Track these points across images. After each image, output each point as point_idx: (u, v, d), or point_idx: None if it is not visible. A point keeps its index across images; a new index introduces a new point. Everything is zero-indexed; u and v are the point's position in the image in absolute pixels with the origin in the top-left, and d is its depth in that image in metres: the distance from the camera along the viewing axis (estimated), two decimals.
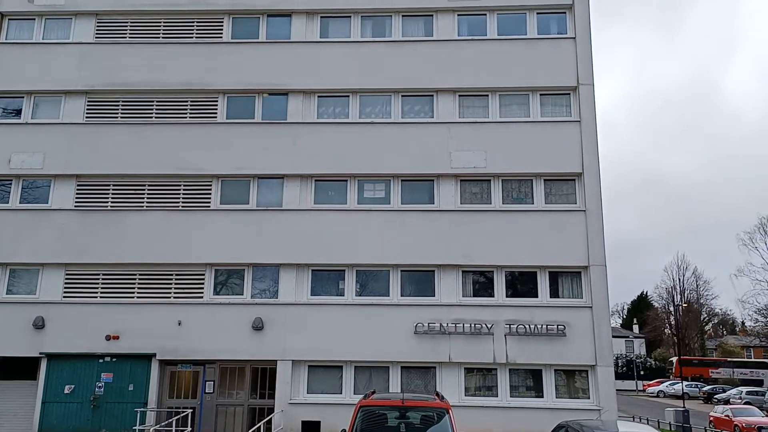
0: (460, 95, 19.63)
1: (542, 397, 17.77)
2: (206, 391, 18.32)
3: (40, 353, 18.28)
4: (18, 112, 20.41)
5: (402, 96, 19.75)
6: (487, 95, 19.58)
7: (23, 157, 19.71)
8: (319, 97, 19.96)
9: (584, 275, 18.33)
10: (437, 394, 12.45)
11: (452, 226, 18.55)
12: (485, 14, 20.20)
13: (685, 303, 66.89)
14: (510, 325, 17.85)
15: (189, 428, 16.64)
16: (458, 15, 20.23)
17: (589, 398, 17.70)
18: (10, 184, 19.85)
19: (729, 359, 61.57)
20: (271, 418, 17.04)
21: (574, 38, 19.72)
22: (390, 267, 18.59)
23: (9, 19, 21.08)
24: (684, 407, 29.68)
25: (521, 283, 18.58)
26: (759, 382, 54.35)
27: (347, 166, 19.15)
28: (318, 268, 18.82)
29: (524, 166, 18.89)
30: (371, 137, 19.31)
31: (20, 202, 19.74)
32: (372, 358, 17.91)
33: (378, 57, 19.90)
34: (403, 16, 20.36)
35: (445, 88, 19.54)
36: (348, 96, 19.84)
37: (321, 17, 20.47)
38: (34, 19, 21.00)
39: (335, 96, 19.93)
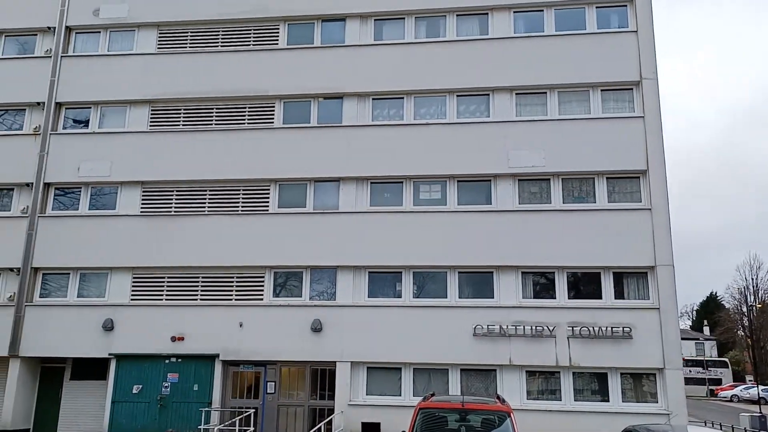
0: (517, 93, 19.29)
1: (608, 401, 17.24)
2: (268, 391, 18.59)
3: (110, 354, 18.93)
4: (86, 122, 21.24)
5: (457, 96, 19.56)
6: (545, 93, 19.17)
7: (91, 165, 20.48)
8: (373, 99, 19.99)
9: (650, 276, 17.69)
10: (498, 397, 12.23)
11: (511, 226, 18.22)
12: (542, 10, 19.79)
13: (759, 303, 63.90)
14: (573, 327, 17.39)
15: (252, 428, 16.92)
16: (514, 12, 19.89)
17: (657, 402, 17.07)
18: (80, 191, 20.66)
19: None
20: (331, 419, 17.14)
21: (636, 31, 19.07)
22: (447, 268, 18.42)
23: (76, 33, 21.96)
24: (761, 412, 28.30)
25: (584, 284, 18.08)
26: None
27: (402, 168, 19.09)
28: (375, 269, 18.82)
29: (585, 165, 18.39)
30: (426, 138, 19.20)
31: (89, 209, 20.51)
32: (431, 360, 17.78)
33: (432, 57, 19.77)
34: (457, 15, 20.16)
35: (501, 87, 19.23)
36: (402, 98, 19.79)
37: (375, 20, 20.49)
38: (99, 32, 21.81)
39: (390, 98, 19.90)
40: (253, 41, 20.97)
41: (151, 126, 20.79)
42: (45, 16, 21.78)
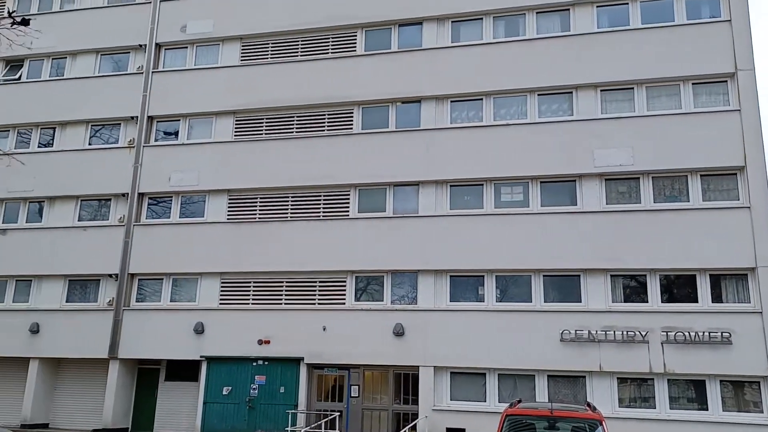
0: (601, 90, 18.64)
1: (706, 409, 16.31)
2: (352, 395, 18.75)
3: (201, 356, 19.63)
4: (176, 134, 22.17)
5: (538, 95, 19.12)
6: (632, 88, 18.41)
7: (181, 175, 21.35)
8: (451, 102, 19.85)
9: (751, 278, 16.65)
10: (588, 405, 11.86)
11: (598, 227, 17.61)
12: (627, 3, 19.04)
13: None
14: (667, 332, 16.58)
15: (337, 431, 17.09)
16: (597, 6, 19.26)
17: (762, 412, 16.00)
18: (171, 200, 21.58)
19: None
20: (415, 424, 17.09)
21: (729, 21, 18.03)
22: (531, 272, 18.01)
23: (165, 49, 23.00)
24: None
25: (678, 288, 17.22)
26: None
27: (483, 170, 18.84)
28: (456, 273, 18.65)
29: (676, 162, 17.53)
30: (507, 139, 18.88)
31: (180, 217, 21.38)
32: (516, 365, 17.42)
33: (512, 57, 19.44)
34: (537, 13, 19.73)
35: (585, 84, 18.64)
36: (481, 99, 19.55)
37: (452, 22, 20.36)
38: (187, 47, 22.75)
39: (468, 100, 19.71)
40: (332, 49, 21.29)
41: (235, 136, 21.46)
42: (137, 35, 22.94)
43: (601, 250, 17.42)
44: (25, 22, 21.32)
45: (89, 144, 22.72)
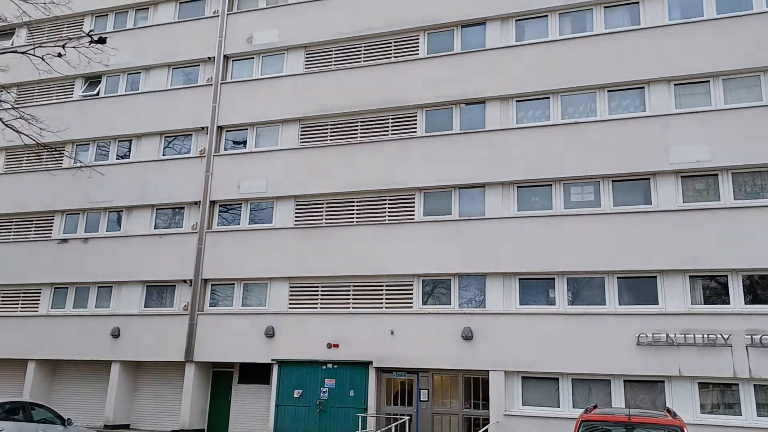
0: (675, 84, 17.95)
1: None
2: (421, 399, 18.69)
3: (272, 360, 20.01)
4: (244, 143, 22.75)
5: (608, 91, 18.60)
6: (708, 81, 17.64)
7: (250, 183, 21.87)
8: (517, 102, 19.56)
9: None
10: (668, 411, 11.43)
11: (674, 227, 16.94)
12: None
13: None
14: (752, 335, 15.76)
15: None
16: None
17: None
18: (240, 207, 22.14)
19: None
20: (487, 429, 16.86)
21: None
22: (605, 274, 17.49)
23: (233, 61, 23.66)
24: None
25: (762, 288, 16.35)
26: None
27: (551, 171, 18.46)
28: (525, 276, 18.33)
29: (759, 156, 16.64)
30: (576, 138, 18.43)
31: (249, 223, 21.91)
32: (590, 370, 16.93)
33: (579, 54, 18.99)
34: (605, 7, 19.21)
35: (657, 78, 17.98)
36: (548, 97, 19.18)
37: (516, 20, 20.09)
38: (253, 57, 23.32)
39: (534, 99, 19.38)
40: (394, 53, 21.38)
41: (301, 143, 21.84)
42: (206, 48, 23.69)
43: (679, 250, 16.74)
44: (102, 41, 22.29)
45: (163, 155, 23.60)
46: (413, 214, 19.88)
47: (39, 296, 23.60)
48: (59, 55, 20.73)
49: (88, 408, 22.06)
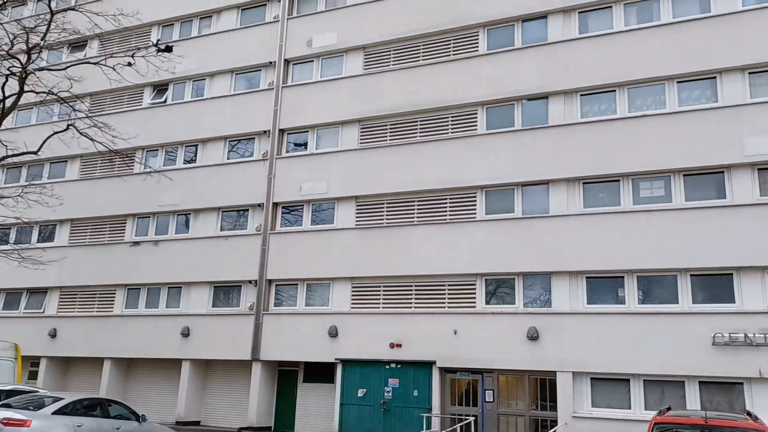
0: (750, 73, 17.12)
1: None
2: (486, 399, 18.48)
3: (336, 359, 20.19)
4: (305, 145, 23.08)
5: (677, 83, 17.91)
6: None
7: (311, 184, 22.15)
8: (581, 96, 19.10)
9: None
10: (749, 414, 10.92)
11: (752, 222, 16.15)
12: None
13: None
14: None
15: None
16: None
17: None
18: (302, 208, 22.45)
19: None
20: (555, 431, 16.52)
21: None
22: (677, 271, 16.85)
23: (293, 64, 24.03)
24: None
25: None
26: None
27: (618, 166, 17.92)
28: (593, 275, 17.85)
29: None
30: (644, 132, 17.84)
31: (311, 224, 22.19)
32: (662, 371, 16.34)
33: (646, 44, 18.37)
34: None
35: (731, 68, 17.19)
36: (614, 91, 18.63)
37: (579, 12, 19.61)
38: (313, 60, 23.63)
39: (600, 92, 18.87)
40: (453, 51, 21.24)
41: (360, 143, 21.96)
42: (267, 53, 24.16)
43: (757, 246, 15.95)
44: (168, 49, 23.02)
45: (227, 158, 24.19)
46: (475, 213, 19.69)
47: (114, 297, 24.59)
48: (129, 64, 21.60)
49: (161, 405, 22.83)
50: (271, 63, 24.05)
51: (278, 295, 22.11)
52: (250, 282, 22.27)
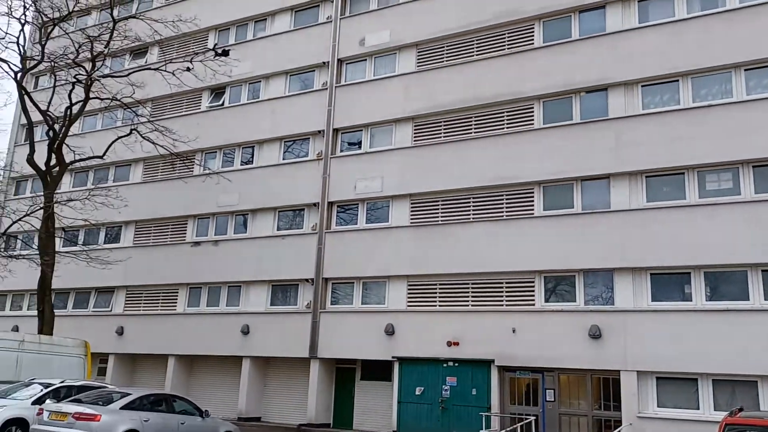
0: None
1: None
2: (547, 399, 18.13)
3: (392, 357, 20.20)
4: (359, 144, 23.17)
5: (745, 70, 17.13)
6: None
7: (365, 183, 22.23)
8: (642, 86, 18.51)
9: None
10: None
11: None
12: None
13: None
14: None
15: None
16: None
17: None
18: (357, 207, 22.55)
19: None
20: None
21: None
22: (747, 267, 16.12)
23: (346, 64, 24.16)
24: None
25: None
26: None
27: (683, 158, 17.27)
28: (657, 271, 17.28)
29: None
30: (710, 122, 17.15)
31: (366, 223, 22.27)
32: (732, 371, 15.66)
33: (710, 32, 17.66)
34: None
35: None
36: (677, 80, 17.98)
37: (638, 1, 19.02)
38: (366, 59, 23.70)
39: (661, 83, 18.25)
40: (507, 45, 20.92)
41: (414, 141, 21.90)
42: (320, 53, 24.37)
43: None
44: (225, 53, 23.50)
45: (283, 159, 24.53)
46: (532, 209, 19.35)
47: (176, 296, 25.30)
48: (188, 69, 22.21)
49: (223, 401, 23.33)
50: (324, 63, 24.25)
51: (334, 294, 22.27)
52: (306, 281, 22.52)
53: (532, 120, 19.96)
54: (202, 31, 27.23)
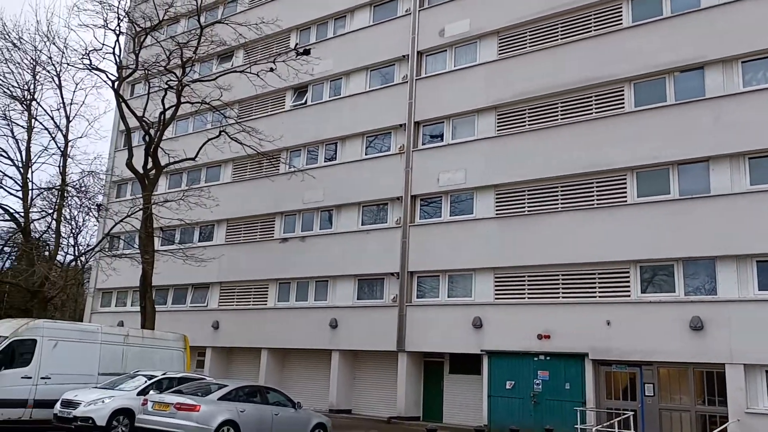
0: None
1: None
2: (646, 393, 17.35)
3: (481, 350, 19.93)
4: (441, 136, 22.98)
5: None
6: None
7: (449, 175, 22.02)
8: (743, 63, 17.33)
9: None
10: None
11: None
12: None
13: None
14: None
15: (632, 431, 15.93)
16: None
17: None
18: (440, 199, 22.38)
19: None
20: (725, 428, 15.15)
21: None
22: None
23: (426, 56, 24.00)
24: None
25: None
26: None
27: None
28: (764, 258, 16.15)
29: None
30: None
31: (450, 215, 22.07)
32: None
33: None
34: None
35: None
36: None
37: None
38: (446, 50, 23.45)
39: (764, 58, 17.01)
40: (594, 26, 20.13)
41: (498, 130, 21.48)
42: (399, 47, 24.32)
43: None
44: (307, 52, 23.89)
45: (365, 154, 24.69)
46: (625, 196, 18.56)
47: (267, 291, 26.04)
48: (271, 69, 22.73)
49: (313, 393, 23.81)
50: (404, 56, 24.19)
51: (420, 287, 22.23)
52: (392, 274, 22.59)
53: (623, 103, 19.12)
54: (284, 32, 27.78)
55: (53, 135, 23.59)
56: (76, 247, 25.33)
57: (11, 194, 22.64)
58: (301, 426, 14.80)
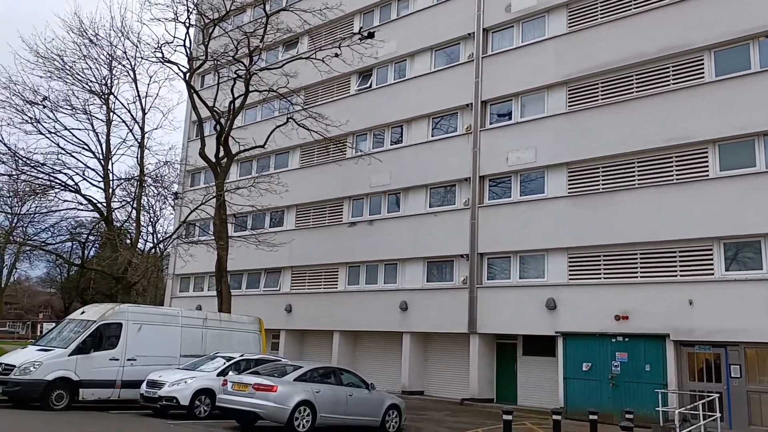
0: None
1: None
2: (732, 375, 16.56)
3: (555, 332, 19.53)
4: (509, 115, 22.50)
5: None
6: None
7: (518, 154, 21.56)
8: None
9: None
10: None
11: None
12: None
13: None
14: None
15: (718, 414, 15.26)
16: None
17: None
18: (510, 179, 21.96)
19: None
20: None
21: None
22: None
23: (492, 33, 23.49)
24: None
25: None
26: None
27: None
28: None
29: None
30: None
31: (520, 195, 21.64)
32: None
33: None
34: None
35: None
36: None
37: None
38: (512, 26, 22.87)
39: None
40: None
41: (569, 106, 20.84)
42: (464, 25, 23.89)
43: None
44: (371, 35, 23.81)
45: (432, 136, 24.48)
46: (707, 170, 17.69)
47: (337, 274, 26.35)
48: (336, 55, 22.78)
49: (386, 374, 23.99)
50: (469, 35, 23.75)
51: (491, 269, 21.96)
52: (461, 256, 22.40)
53: (702, 73, 18.16)
54: (347, 16, 27.79)
55: (130, 127, 24.51)
56: (155, 235, 26.33)
57: (94, 185, 23.69)
58: (376, 407, 14.88)
